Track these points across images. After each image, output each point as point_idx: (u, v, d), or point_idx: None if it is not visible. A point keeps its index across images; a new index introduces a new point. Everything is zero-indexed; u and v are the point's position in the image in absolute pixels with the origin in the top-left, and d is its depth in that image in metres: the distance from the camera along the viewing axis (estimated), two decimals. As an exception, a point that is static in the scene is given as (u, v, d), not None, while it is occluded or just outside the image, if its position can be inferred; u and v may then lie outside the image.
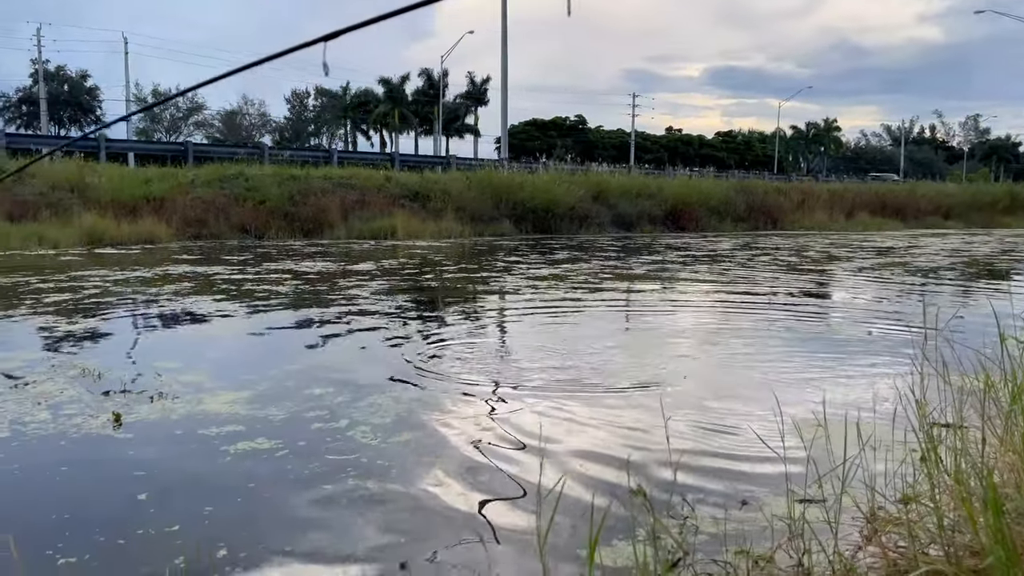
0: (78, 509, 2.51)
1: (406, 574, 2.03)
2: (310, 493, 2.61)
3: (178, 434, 3.21)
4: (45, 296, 6.85)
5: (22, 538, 2.29)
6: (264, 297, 7.25)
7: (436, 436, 3.25)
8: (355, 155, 26.69)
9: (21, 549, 2.20)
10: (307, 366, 4.49)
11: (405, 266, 10.64)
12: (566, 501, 2.33)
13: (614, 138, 65.74)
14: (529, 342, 5.50)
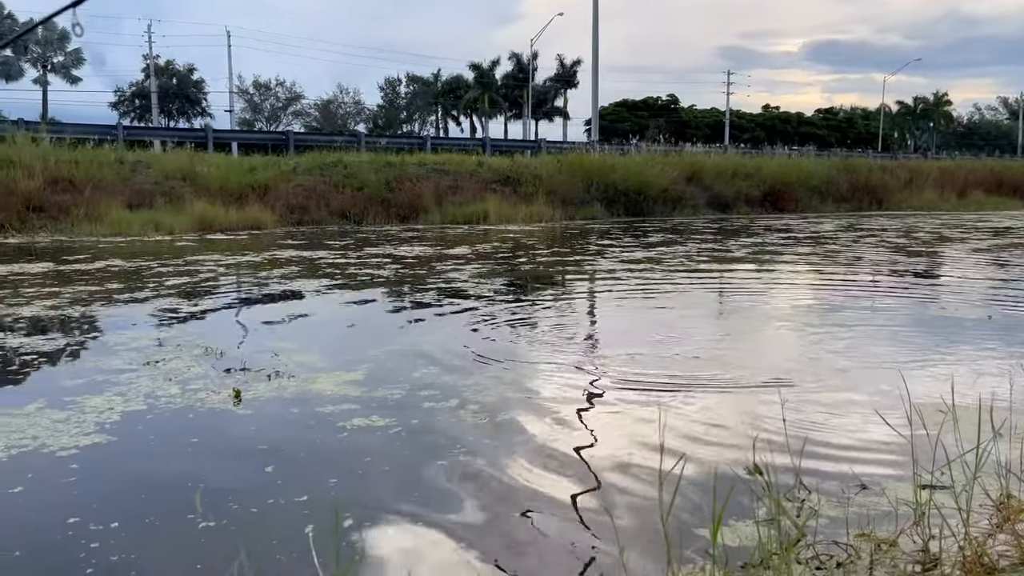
0: (210, 479, 2.68)
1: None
2: (425, 468, 2.71)
3: (295, 411, 3.37)
4: (166, 279, 7.27)
5: (162, 507, 2.47)
6: (367, 281, 7.48)
7: (540, 417, 3.30)
8: (447, 141, 27.06)
9: (161, 515, 2.38)
10: (412, 347, 4.61)
11: (499, 250, 10.75)
12: (672, 480, 2.33)
13: (708, 117, 64.17)
14: (627, 326, 5.49)
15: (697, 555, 1.92)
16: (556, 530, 2.23)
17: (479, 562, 2.05)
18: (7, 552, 2.13)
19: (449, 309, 5.93)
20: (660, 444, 1.65)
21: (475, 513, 2.36)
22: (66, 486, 2.57)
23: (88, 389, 3.62)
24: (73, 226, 12.06)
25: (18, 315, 5.42)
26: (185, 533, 2.24)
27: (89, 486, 2.60)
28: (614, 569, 1.88)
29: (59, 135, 15.91)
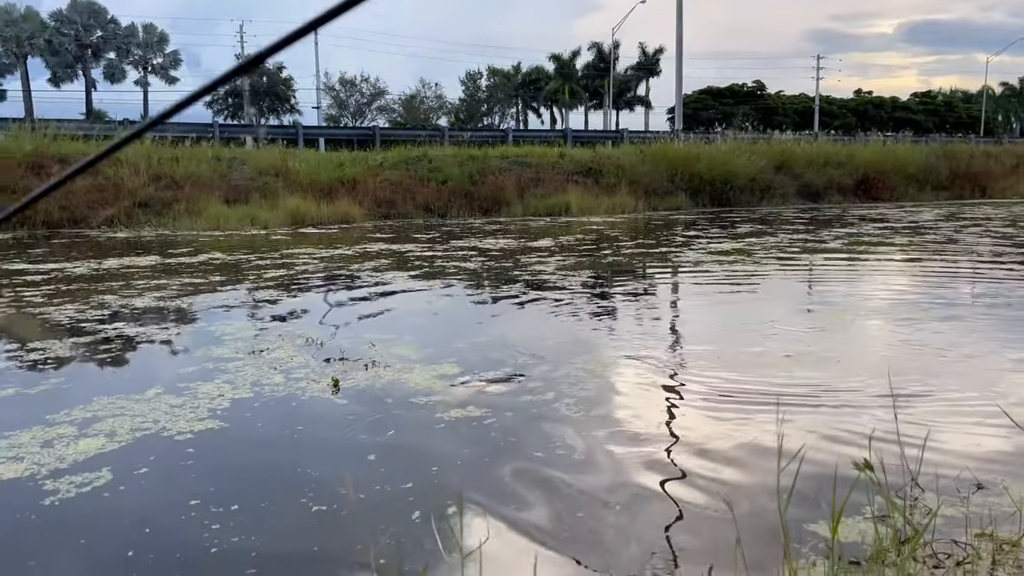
0: (316, 465, 2.79)
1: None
2: (523, 460, 2.75)
3: (391, 401, 3.46)
4: (264, 272, 7.57)
5: (275, 491, 2.59)
6: (455, 273, 7.60)
7: (634, 412, 3.30)
8: (528, 133, 27.09)
9: (276, 500, 2.50)
10: (503, 339, 4.67)
11: (582, 242, 10.72)
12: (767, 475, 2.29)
13: (796, 103, 62.13)
14: (717, 320, 5.41)
15: (808, 551, 1.89)
16: (660, 523, 2.23)
17: (583, 553, 2.08)
18: (139, 530, 2.28)
19: (536, 301, 5.97)
20: (779, 433, 1.63)
21: (576, 507, 2.38)
22: (185, 468, 2.73)
23: (200, 376, 3.82)
24: (175, 220, 12.66)
25: (133, 305, 5.75)
26: (299, 517, 2.35)
27: (206, 469, 2.75)
28: (728, 561, 1.87)
29: (161, 134, 16.70)
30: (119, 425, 3.11)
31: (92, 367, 4.12)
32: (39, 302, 5.92)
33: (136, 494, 2.53)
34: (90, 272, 7.62)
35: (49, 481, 2.56)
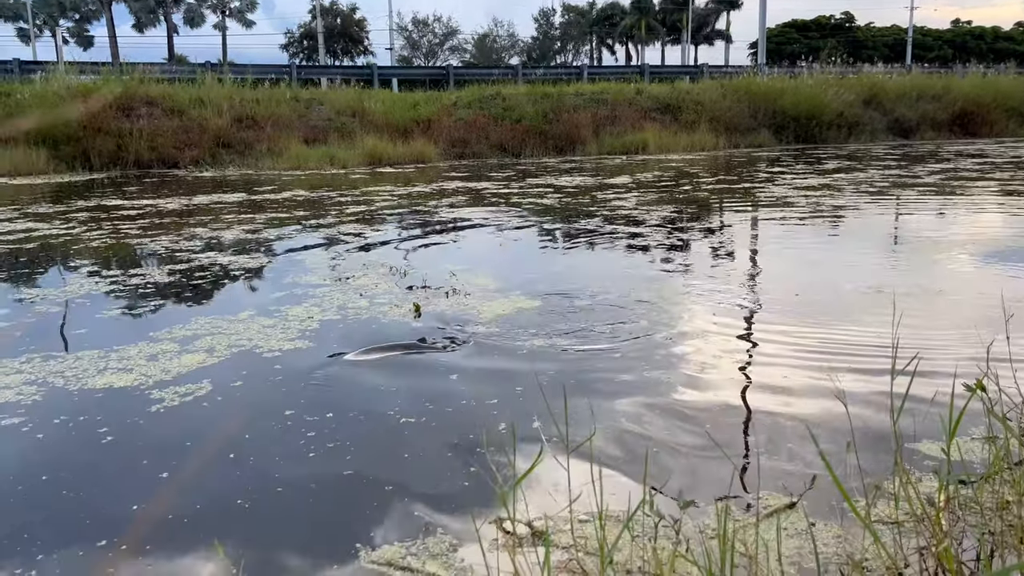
0: (398, 382, 2.85)
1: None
2: (604, 391, 2.75)
3: (473, 329, 3.50)
4: (346, 208, 7.70)
5: (363, 403, 2.67)
6: (531, 209, 7.57)
7: (719, 346, 3.25)
8: (604, 69, 26.39)
9: (365, 411, 2.57)
10: (579, 273, 4.65)
11: (661, 179, 10.50)
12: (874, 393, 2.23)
13: (887, 36, 58.73)
14: (808, 256, 5.24)
15: (915, 468, 1.84)
16: (760, 443, 2.21)
17: (660, 477, 2.07)
18: (239, 434, 2.39)
19: (614, 236, 5.90)
20: (894, 341, 1.57)
21: (650, 432, 2.37)
22: (278, 382, 2.83)
23: (289, 301, 3.94)
24: (257, 160, 12.96)
25: (223, 238, 5.95)
26: (389, 426, 2.41)
27: (297, 383, 2.85)
28: (842, 470, 1.83)
29: (241, 76, 17.00)
30: (216, 343, 3.24)
31: (189, 291, 4.29)
32: (135, 234, 6.19)
33: (234, 403, 2.65)
34: (181, 207, 7.90)
35: (155, 390, 2.70)
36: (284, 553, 1.71)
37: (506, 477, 1.98)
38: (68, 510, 1.92)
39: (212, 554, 1.70)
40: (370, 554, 1.66)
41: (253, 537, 1.79)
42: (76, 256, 5.33)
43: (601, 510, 1.16)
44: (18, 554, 1.72)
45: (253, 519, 1.87)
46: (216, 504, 1.96)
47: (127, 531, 1.81)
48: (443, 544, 1.68)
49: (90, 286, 4.36)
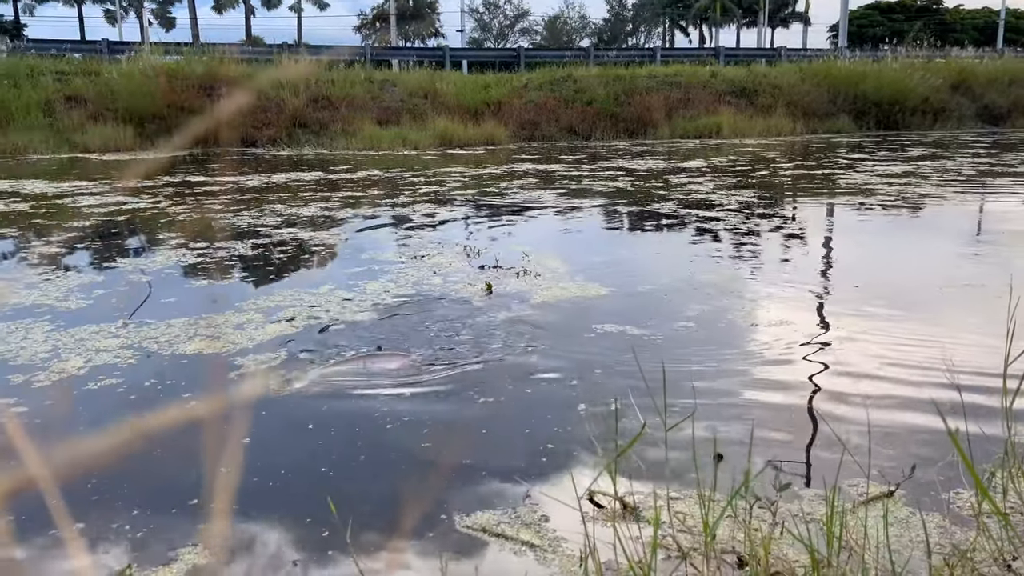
0: (476, 354, 2.87)
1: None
2: (679, 376, 2.72)
3: (543, 305, 3.50)
4: (419, 188, 7.78)
5: (439, 370, 2.70)
6: (603, 192, 7.51)
7: (804, 339, 3.17)
8: (677, 51, 25.91)
9: (438, 378, 2.60)
10: (656, 259, 4.60)
11: (736, 163, 10.28)
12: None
13: (977, 18, 55.91)
14: (890, 240, 5.06)
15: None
16: (844, 432, 2.16)
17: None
18: (319, 404, 2.45)
19: (689, 222, 5.81)
20: (1009, 327, 1.51)
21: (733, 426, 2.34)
22: (357, 350, 2.88)
23: (367, 276, 4.02)
24: (332, 140, 13.20)
25: (301, 215, 6.09)
26: (463, 392, 2.44)
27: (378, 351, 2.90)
28: (936, 465, 1.78)
29: (316, 56, 17.28)
30: (297, 313, 3.33)
31: (272, 265, 4.42)
32: (218, 209, 6.39)
33: (306, 367, 2.71)
34: (260, 185, 8.12)
35: (238, 357, 2.79)
36: (374, 516, 1.76)
37: (606, 450, 1.98)
38: (149, 471, 2.01)
39: (297, 521, 1.76)
40: (464, 519, 1.70)
41: (343, 503, 1.84)
42: (164, 229, 5.54)
43: (701, 488, 1.15)
44: (102, 510, 1.81)
45: (341, 485, 1.92)
46: (300, 471, 2.02)
47: (207, 492, 1.88)
48: (536, 514, 1.70)
49: (178, 257, 4.53)
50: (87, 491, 1.87)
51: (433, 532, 1.66)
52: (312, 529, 1.70)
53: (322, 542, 1.65)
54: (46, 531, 1.69)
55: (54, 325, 3.16)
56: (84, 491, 1.87)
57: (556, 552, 1.55)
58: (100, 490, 1.88)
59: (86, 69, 14.41)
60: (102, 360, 2.77)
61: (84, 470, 2.02)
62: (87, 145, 12.20)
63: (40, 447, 1.78)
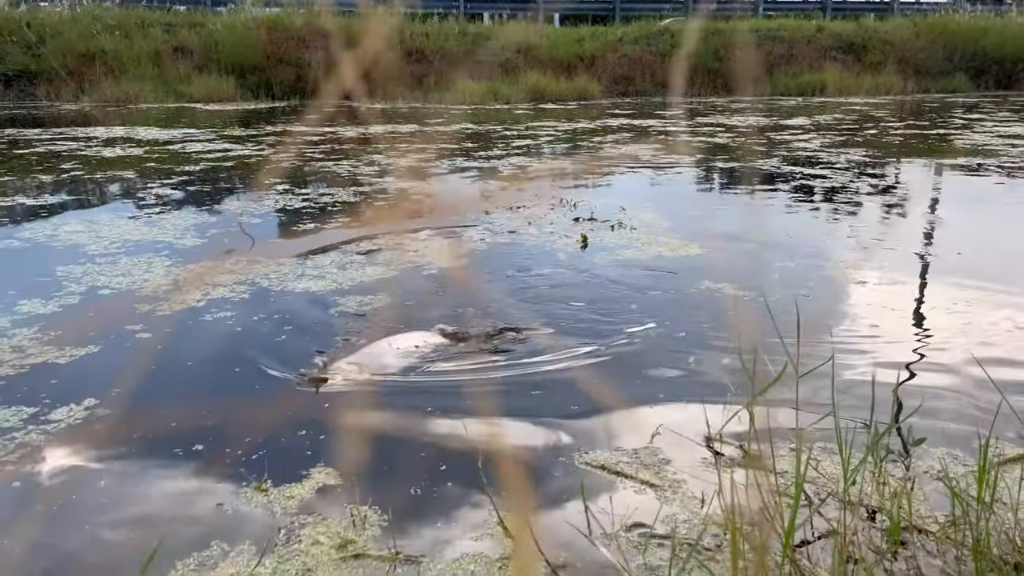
0: (562, 296, 2.87)
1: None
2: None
3: (640, 258, 3.45)
4: (512, 141, 7.76)
5: (526, 314, 2.71)
6: (701, 148, 7.32)
7: (913, 303, 3.03)
8: (781, 5, 24.71)
9: (524, 320, 2.61)
10: (757, 217, 4.46)
11: (842, 122, 9.82)
12: None
13: (1118, -32, 51.14)
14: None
15: None
16: (953, 393, 2.06)
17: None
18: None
19: (791, 180, 5.60)
20: None
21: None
22: (444, 295, 2.92)
23: (463, 223, 4.07)
24: (425, 93, 13.28)
25: (398, 165, 6.18)
26: (561, 327, 2.45)
27: (462, 296, 2.94)
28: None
29: (412, 10, 17.31)
30: (395, 257, 3.41)
31: (372, 211, 4.51)
32: (319, 158, 6.54)
33: (403, 309, 2.77)
34: (358, 136, 8.27)
35: (338, 296, 2.87)
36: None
37: (723, 399, 1.96)
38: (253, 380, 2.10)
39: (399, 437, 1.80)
40: (583, 456, 1.72)
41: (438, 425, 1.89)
42: (270, 175, 5.72)
43: (838, 438, 1.12)
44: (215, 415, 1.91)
45: (443, 405, 1.96)
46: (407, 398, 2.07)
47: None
48: (656, 457, 1.71)
49: (285, 202, 4.67)
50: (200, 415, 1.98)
51: (555, 470, 1.68)
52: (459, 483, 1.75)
53: (469, 495, 1.69)
54: (173, 447, 1.80)
55: (173, 260, 3.33)
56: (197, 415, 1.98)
57: (677, 493, 1.55)
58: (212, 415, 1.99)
59: (191, 21, 14.88)
60: (218, 294, 2.89)
61: (199, 394, 2.13)
62: (192, 95, 12.65)
63: (163, 372, 1.83)
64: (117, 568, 1.37)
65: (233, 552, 1.40)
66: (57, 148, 7.08)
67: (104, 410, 1.97)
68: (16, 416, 1.91)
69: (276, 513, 1.52)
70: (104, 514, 1.53)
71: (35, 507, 1.56)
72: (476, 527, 1.47)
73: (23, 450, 1.75)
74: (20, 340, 2.40)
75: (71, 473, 1.67)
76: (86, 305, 2.77)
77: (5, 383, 2.09)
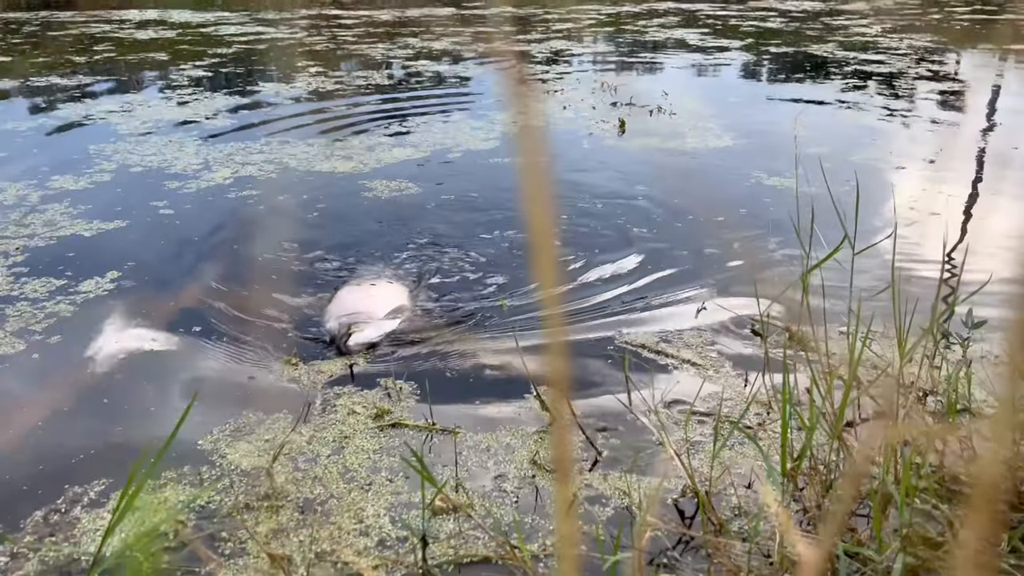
0: (595, 181, 2.77)
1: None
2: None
3: (679, 146, 3.31)
4: (552, 24, 7.44)
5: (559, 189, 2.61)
6: (752, 32, 6.93)
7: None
8: None
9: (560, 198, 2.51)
10: (807, 110, 4.22)
11: (904, 6, 9.21)
12: None
13: None
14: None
15: None
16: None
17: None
18: (436, 210, 2.43)
19: (848, 65, 5.28)
20: None
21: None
22: (471, 176, 2.84)
23: (495, 107, 3.92)
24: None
25: (433, 48, 5.96)
26: (597, 211, 2.37)
27: (485, 174, 2.86)
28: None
29: None
30: (424, 139, 3.31)
31: (405, 93, 4.37)
32: (353, 41, 6.33)
33: (431, 189, 2.69)
34: (393, 19, 7.98)
35: (367, 179, 2.80)
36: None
37: (767, 281, 1.88)
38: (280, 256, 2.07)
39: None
40: (623, 335, 1.68)
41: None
42: (303, 57, 5.56)
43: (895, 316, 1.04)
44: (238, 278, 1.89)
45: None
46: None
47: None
48: (700, 338, 1.65)
49: (317, 84, 4.54)
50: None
51: (596, 348, 1.64)
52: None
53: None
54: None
55: (203, 140, 3.27)
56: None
57: (719, 373, 1.50)
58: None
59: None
60: (247, 172, 2.84)
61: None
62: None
63: (189, 249, 1.75)
64: (151, 424, 1.37)
65: (268, 420, 1.39)
66: (91, 30, 6.97)
67: (129, 282, 1.95)
68: (45, 287, 1.90)
69: (308, 386, 1.50)
70: (133, 384, 1.53)
71: (64, 375, 1.56)
72: (512, 402, 1.44)
73: (51, 320, 1.75)
74: (52, 215, 2.39)
75: (98, 343, 1.66)
76: (117, 182, 2.73)
77: (36, 255, 2.09)
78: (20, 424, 1.40)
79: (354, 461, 1.27)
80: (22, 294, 1.86)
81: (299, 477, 1.23)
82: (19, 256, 2.07)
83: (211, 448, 1.31)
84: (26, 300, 1.83)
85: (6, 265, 2.02)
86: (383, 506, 1.16)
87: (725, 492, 1.15)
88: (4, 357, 1.60)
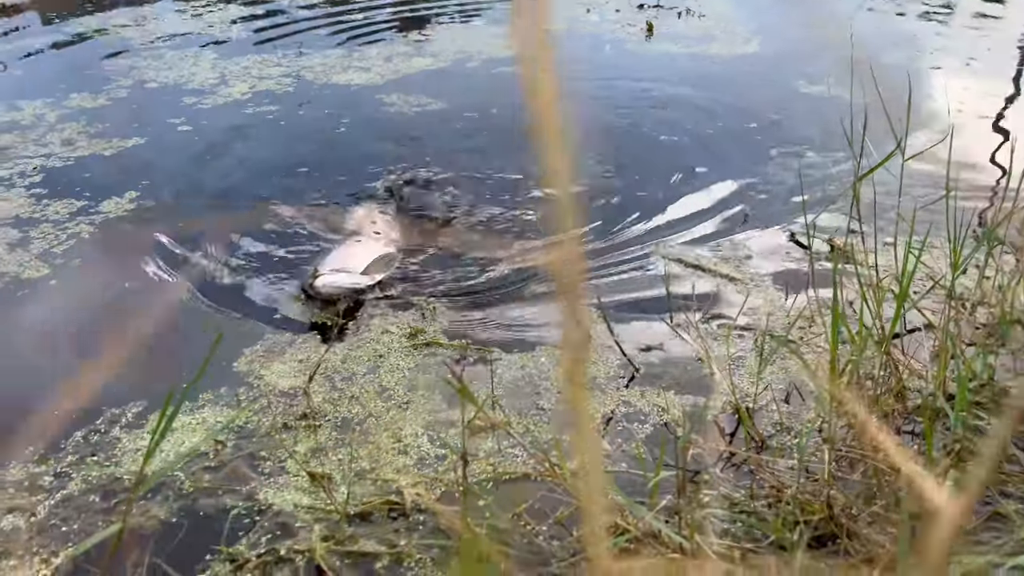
0: (628, 88, 2.67)
1: None
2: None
3: (710, 50, 3.19)
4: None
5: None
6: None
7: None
8: None
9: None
10: (848, 10, 4.02)
11: None
12: None
13: None
14: None
15: None
16: None
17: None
18: (451, 118, 2.37)
19: None
20: None
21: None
22: (487, 88, 2.75)
23: (515, 11, 3.77)
24: None
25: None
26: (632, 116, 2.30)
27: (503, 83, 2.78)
28: None
29: None
30: (443, 48, 3.21)
31: (424, 3, 4.20)
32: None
33: (449, 104, 2.62)
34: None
35: (383, 94, 2.72)
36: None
37: (812, 191, 1.82)
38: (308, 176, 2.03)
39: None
40: (663, 248, 1.65)
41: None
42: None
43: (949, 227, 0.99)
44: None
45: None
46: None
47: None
48: (739, 253, 1.62)
49: (331, -8, 4.38)
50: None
51: (634, 262, 1.61)
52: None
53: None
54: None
55: (219, 54, 3.17)
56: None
57: (760, 286, 1.47)
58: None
59: None
60: (264, 87, 2.77)
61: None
62: None
63: (207, 167, 1.70)
64: (180, 346, 1.37)
65: (300, 339, 1.39)
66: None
67: (148, 201, 1.93)
68: (67, 208, 1.88)
69: (337, 307, 1.48)
70: (159, 306, 1.52)
71: (90, 298, 1.56)
72: (547, 321, 1.42)
73: (72, 241, 1.74)
74: (69, 133, 2.35)
75: (121, 264, 1.65)
76: (133, 99, 2.68)
77: (55, 176, 2.06)
78: (50, 348, 1.41)
79: (390, 380, 1.27)
80: (44, 216, 1.84)
81: (336, 397, 1.23)
82: (36, 176, 2.05)
83: (247, 370, 1.31)
84: (48, 222, 1.82)
85: (24, 185, 2.00)
86: (420, 424, 1.16)
87: (767, 408, 1.13)
88: (30, 280, 1.59)
